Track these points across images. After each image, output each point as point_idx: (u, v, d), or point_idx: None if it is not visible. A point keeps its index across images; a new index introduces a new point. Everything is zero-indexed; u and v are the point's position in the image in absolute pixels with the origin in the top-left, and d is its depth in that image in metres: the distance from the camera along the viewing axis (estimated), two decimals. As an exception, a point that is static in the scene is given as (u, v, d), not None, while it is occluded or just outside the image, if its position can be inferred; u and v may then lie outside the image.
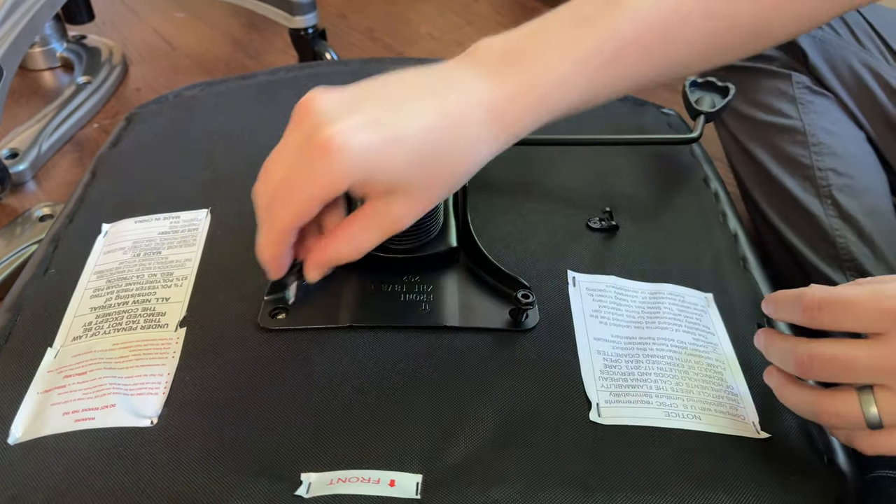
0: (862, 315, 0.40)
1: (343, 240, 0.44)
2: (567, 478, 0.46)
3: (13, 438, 0.48)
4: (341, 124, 0.40)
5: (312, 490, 0.44)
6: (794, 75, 0.86)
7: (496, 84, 0.44)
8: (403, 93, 0.43)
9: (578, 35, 0.45)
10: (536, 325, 0.55)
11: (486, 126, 0.44)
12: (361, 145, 0.40)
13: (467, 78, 0.44)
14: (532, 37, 0.45)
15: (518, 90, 0.44)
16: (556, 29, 0.45)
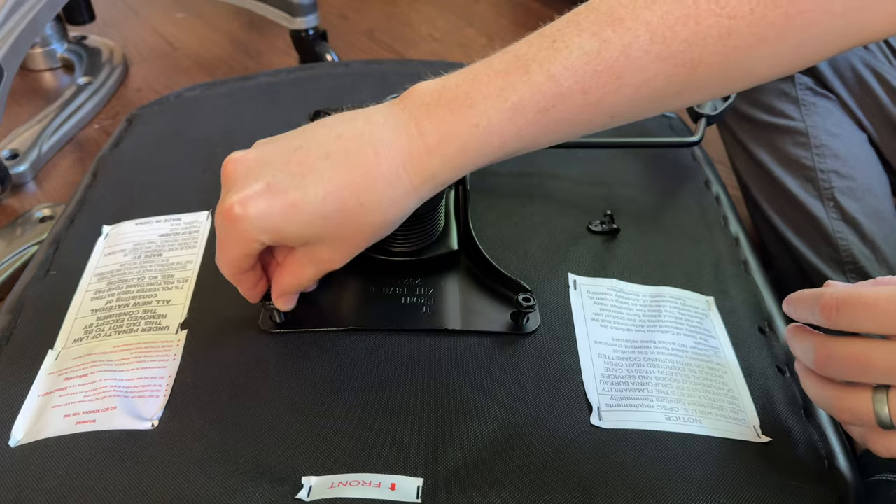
0: (880, 317, 0.40)
1: (288, 275, 0.49)
2: (568, 482, 0.46)
3: (14, 441, 0.48)
4: (242, 193, 0.43)
5: (313, 493, 0.44)
6: (797, 76, 0.86)
7: (417, 135, 0.43)
8: (314, 157, 0.44)
9: (511, 83, 0.42)
10: (537, 328, 0.55)
11: (403, 181, 0.44)
12: (259, 213, 0.43)
13: (388, 131, 0.44)
14: (465, 83, 0.43)
15: (439, 142, 0.43)
16: (490, 75, 0.43)
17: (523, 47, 0.43)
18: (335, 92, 0.84)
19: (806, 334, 0.45)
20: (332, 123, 0.45)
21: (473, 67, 0.44)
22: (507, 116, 0.42)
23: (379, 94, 0.64)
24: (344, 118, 0.46)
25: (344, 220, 0.44)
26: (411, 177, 0.44)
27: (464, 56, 1.40)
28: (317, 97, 0.82)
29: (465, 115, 0.42)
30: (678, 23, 0.40)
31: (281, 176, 0.43)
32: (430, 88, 0.44)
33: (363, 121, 0.45)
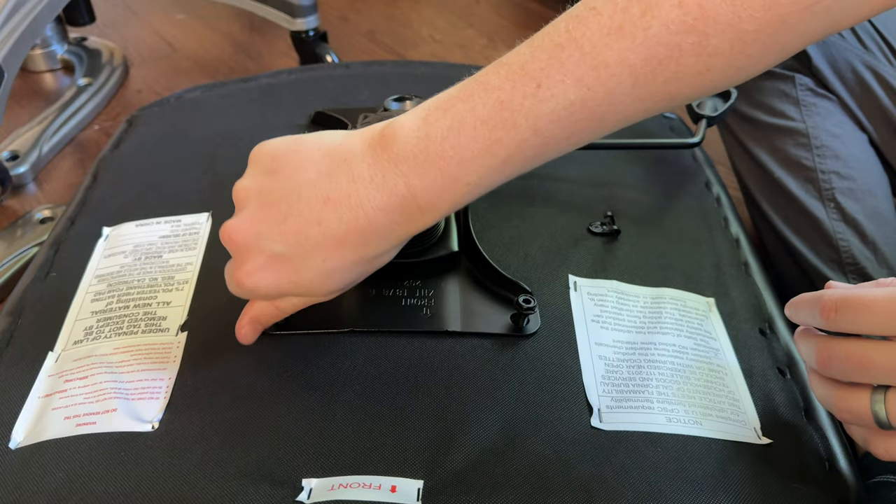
0: (878, 317, 0.40)
1: (271, 309, 0.50)
2: (568, 484, 0.46)
3: (14, 443, 0.48)
4: (247, 267, 0.46)
5: (313, 496, 0.44)
6: (797, 77, 0.86)
7: (408, 196, 0.43)
8: (307, 225, 0.44)
9: (499, 139, 0.41)
10: (538, 329, 0.55)
11: (397, 233, 0.45)
12: (266, 284, 0.46)
13: (376, 193, 0.43)
14: (451, 135, 0.42)
15: (431, 201, 0.43)
16: (476, 125, 0.41)
17: (506, 87, 0.41)
18: (335, 93, 0.84)
19: (809, 335, 0.45)
20: (315, 183, 0.44)
21: (455, 107, 0.42)
22: (497, 169, 0.43)
23: (379, 95, 0.63)
24: (325, 168, 0.44)
25: (345, 273, 0.46)
26: (405, 229, 0.45)
27: (464, 57, 1.41)
28: (317, 98, 0.82)
29: (455, 175, 0.42)
30: (660, 65, 0.40)
31: (279, 248, 0.45)
32: (413, 136, 0.43)
33: (346, 177, 0.44)
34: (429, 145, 0.42)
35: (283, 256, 0.45)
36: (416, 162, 0.42)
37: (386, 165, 0.43)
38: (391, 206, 0.43)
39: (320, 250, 0.44)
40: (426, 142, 0.42)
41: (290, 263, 0.45)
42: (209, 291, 0.57)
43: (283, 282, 0.46)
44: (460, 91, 0.43)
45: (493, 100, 0.41)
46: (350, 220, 0.43)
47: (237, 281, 0.46)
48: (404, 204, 0.43)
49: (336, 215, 0.44)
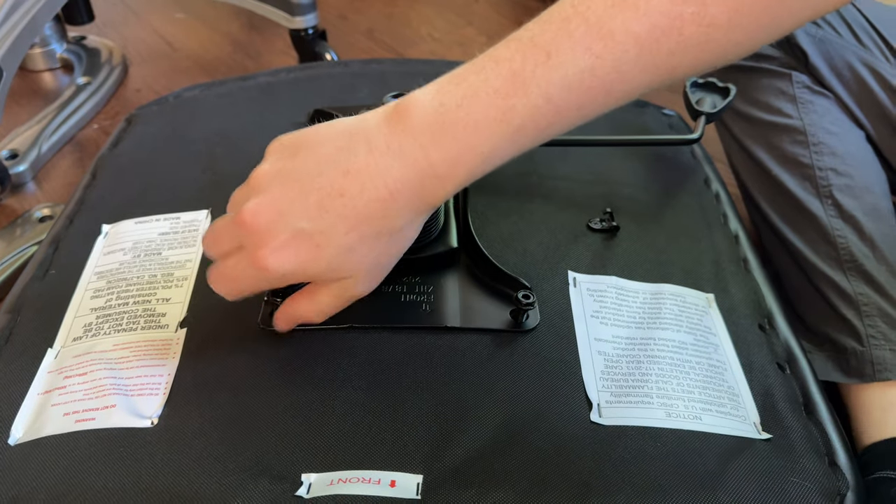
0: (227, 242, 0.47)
1: (307, 304, 0.50)
2: (568, 479, 0.46)
3: (14, 439, 0.48)
4: (272, 245, 0.45)
5: (313, 490, 0.44)
6: (794, 75, 0.86)
7: (427, 166, 0.44)
8: (330, 198, 0.44)
9: (512, 106, 0.42)
10: (537, 325, 0.55)
11: (416, 205, 0.46)
12: (291, 261, 0.45)
13: (395, 163, 0.44)
14: (465, 103, 0.43)
15: (449, 170, 0.44)
16: (489, 93, 0.43)
17: (517, 59, 0.43)
18: (334, 91, 0.84)
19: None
20: (334, 157, 0.45)
21: (468, 79, 0.43)
22: (510, 138, 0.44)
23: (378, 93, 0.64)
24: (344, 144, 0.45)
25: (367, 249, 0.46)
26: (425, 201, 0.45)
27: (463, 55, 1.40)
28: (316, 97, 0.82)
29: (471, 143, 0.43)
30: (663, 35, 0.41)
31: (302, 223, 0.45)
32: (428, 106, 0.44)
33: (365, 149, 0.44)
34: (444, 114, 0.43)
35: (306, 232, 0.45)
36: (431, 131, 0.43)
37: (402, 136, 0.44)
38: (409, 175, 0.44)
39: (343, 223, 0.44)
40: (441, 111, 0.43)
41: (313, 239, 0.45)
42: (209, 288, 0.57)
43: (306, 259, 0.45)
44: (472, 65, 0.44)
45: (505, 70, 0.43)
46: (371, 189, 0.44)
47: (258, 261, 0.45)
48: (422, 173, 0.44)
49: (357, 186, 0.44)
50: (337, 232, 0.45)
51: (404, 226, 0.46)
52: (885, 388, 0.69)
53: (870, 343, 0.71)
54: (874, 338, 0.71)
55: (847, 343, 0.72)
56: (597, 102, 0.44)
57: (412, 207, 0.45)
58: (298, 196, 0.45)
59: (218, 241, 0.49)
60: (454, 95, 0.43)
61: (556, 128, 0.44)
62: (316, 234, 0.45)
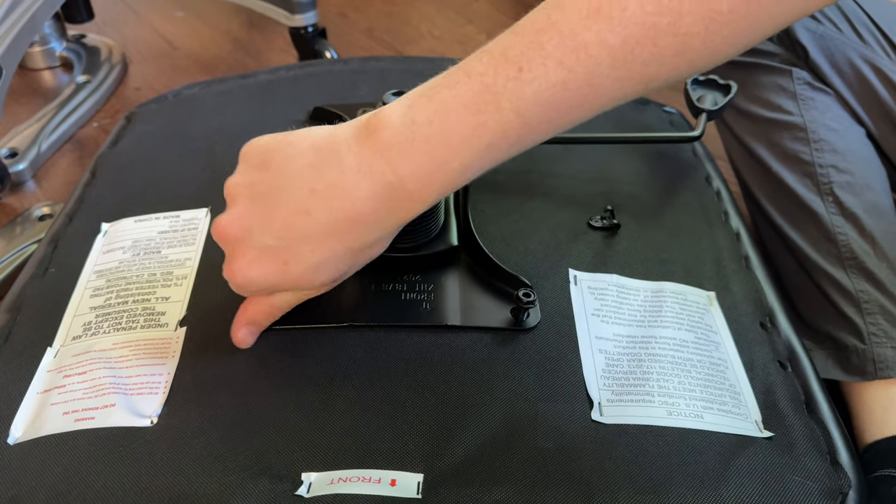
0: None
1: (262, 304, 0.51)
2: (569, 477, 0.45)
3: (13, 438, 0.48)
4: (240, 261, 0.46)
5: (313, 490, 0.44)
6: (795, 71, 0.86)
7: (396, 183, 0.43)
8: (295, 216, 0.45)
9: (483, 122, 0.42)
10: (538, 323, 0.55)
11: (386, 223, 0.45)
12: (258, 276, 0.46)
13: (364, 181, 0.43)
14: (437, 119, 0.42)
15: (419, 187, 0.43)
16: (460, 111, 0.42)
17: (489, 73, 0.42)
18: (334, 89, 0.84)
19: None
20: (302, 174, 0.45)
21: (440, 94, 0.43)
22: (481, 154, 0.43)
23: (378, 91, 0.63)
24: (313, 160, 0.45)
25: (335, 264, 0.47)
26: (395, 217, 0.45)
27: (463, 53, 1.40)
28: (316, 94, 0.82)
29: (441, 159, 0.43)
30: (638, 45, 0.41)
31: (269, 240, 0.45)
32: (398, 122, 0.43)
33: (334, 167, 0.44)
34: (415, 131, 0.42)
35: (273, 249, 0.45)
36: (401, 148, 0.43)
37: (372, 153, 0.43)
38: (378, 193, 0.43)
39: (309, 241, 0.44)
40: (412, 128, 0.43)
41: (280, 256, 0.45)
42: (208, 287, 0.57)
43: (273, 275, 0.46)
44: (444, 79, 0.43)
45: (476, 84, 0.42)
46: (337, 209, 0.44)
47: (229, 276, 0.47)
48: (391, 191, 0.43)
49: (324, 205, 0.44)
50: (303, 249, 0.45)
51: (374, 241, 0.46)
52: (886, 386, 0.68)
53: (871, 341, 0.70)
54: (875, 335, 0.71)
55: (848, 341, 0.72)
56: (570, 115, 0.43)
57: (382, 225, 0.45)
58: (264, 212, 0.45)
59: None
60: (425, 111, 0.43)
61: (527, 140, 0.44)
62: (282, 251, 0.45)
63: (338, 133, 0.45)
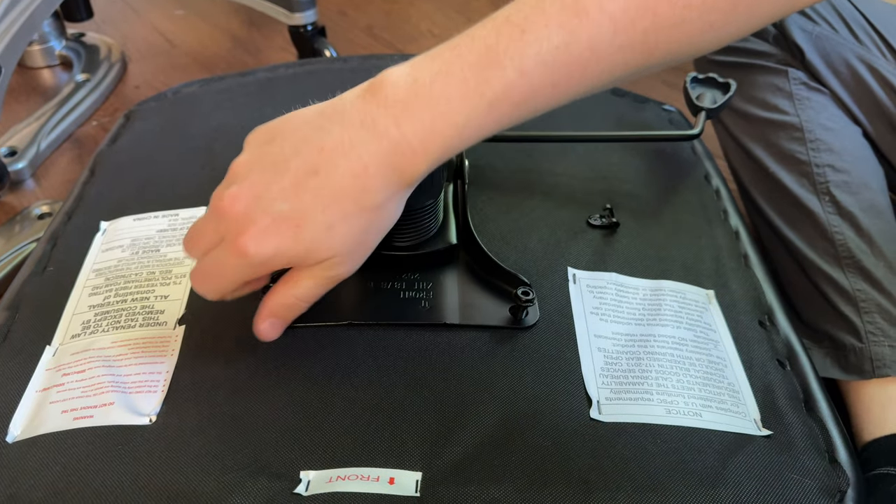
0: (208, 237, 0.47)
1: (288, 290, 0.49)
2: (568, 475, 0.45)
3: (11, 437, 0.48)
4: (252, 230, 0.44)
5: (311, 488, 0.44)
6: (791, 71, 0.86)
7: (400, 139, 0.44)
8: (304, 177, 0.44)
9: (486, 79, 0.43)
10: (537, 322, 0.55)
11: (393, 179, 0.45)
12: (272, 245, 0.45)
13: (368, 137, 0.44)
14: (440, 77, 0.43)
15: (423, 143, 0.44)
16: (463, 68, 0.43)
17: (492, 36, 0.43)
18: (334, 87, 0.83)
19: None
20: (309, 137, 0.45)
21: (443, 55, 0.44)
22: (485, 112, 0.44)
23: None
24: (319, 123, 0.46)
25: (348, 227, 0.45)
26: (400, 175, 0.45)
27: (462, 52, 1.40)
28: (315, 93, 0.81)
29: (444, 115, 0.43)
30: (637, 14, 0.42)
31: (280, 206, 0.44)
32: (402, 81, 0.44)
33: (339, 126, 0.45)
34: (417, 88, 0.43)
35: (284, 214, 0.44)
36: (405, 104, 0.44)
37: (376, 110, 0.44)
38: (383, 149, 0.44)
39: (319, 201, 0.44)
40: (414, 86, 0.44)
41: (291, 220, 0.44)
42: (207, 285, 0.57)
43: (286, 241, 0.45)
44: (448, 43, 0.45)
45: (479, 46, 0.43)
46: (345, 166, 0.44)
47: (240, 248, 0.45)
48: (395, 145, 0.44)
49: (331, 163, 0.44)
50: (314, 210, 0.44)
51: (383, 202, 0.46)
52: (884, 385, 0.69)
53: (868, 339, 0.71)
54: (873, 334, 0.71)
55: (846, 340, 0.72)
56: (572, 80, 0.44)
57: (389, 182, 0.45)
58: (274, 179, 0.45)
59: (198, 239, 0.48)
60: (429, 70, 0.44)
61: (531, 104, 0.45)
62: (294, 214, 0.44)
63: (343, 97, 0.46)
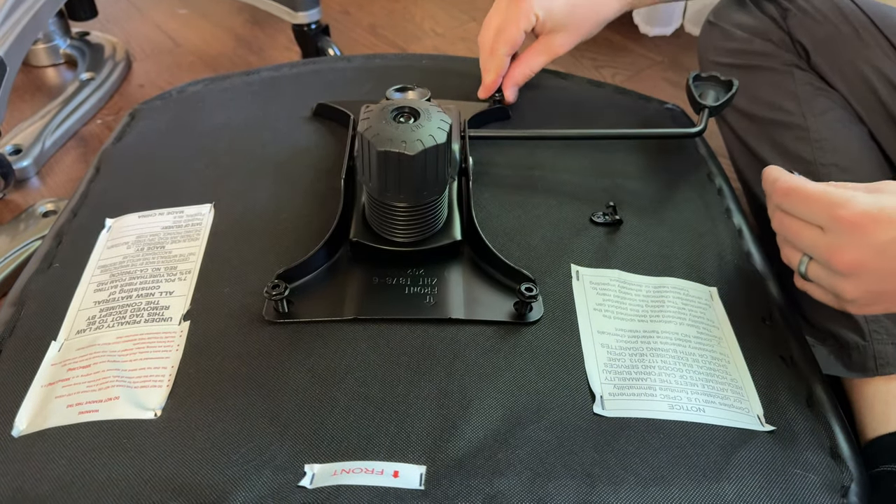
0: (811, 210, 0.51)
1: (523, 65, 0.77)
2: (571, 470, 0.46)
3: (17, 431, 0.48)
4: None
5: (316, 481, 0.44)
6: (796, 72, 0.86)
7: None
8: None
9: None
10: (540, 317, 0.55)
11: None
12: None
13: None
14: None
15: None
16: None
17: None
18: (337, 86, 0.84)
19: (781, 171, 0.56)
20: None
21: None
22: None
23: (381, 88, 0.64)
24: None
25: (581, 11, 0.73)
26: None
27: (466, 50, 1.40)
28: (319, 91, 0.82)
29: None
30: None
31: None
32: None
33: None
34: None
35: None
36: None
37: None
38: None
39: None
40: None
41: None
42: (212, 281, 0.58)
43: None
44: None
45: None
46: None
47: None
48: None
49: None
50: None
51: (608, 5, 0.77)
52: (887, 382, 0.68)
53: (872, 338, 0.70)
54: (877, 332, 0.70)
55: (850, 338, 0.72)
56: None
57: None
58: None
59: (487, 25, 0.76)
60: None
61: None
62: None
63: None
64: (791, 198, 0.53)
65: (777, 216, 0.55)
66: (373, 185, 0.54)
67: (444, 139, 0.52)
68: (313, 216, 0.63)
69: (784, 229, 0.55)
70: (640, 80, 1.28)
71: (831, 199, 0.50)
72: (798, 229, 0.53)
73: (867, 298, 0.51)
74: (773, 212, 0.56)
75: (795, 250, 0.54)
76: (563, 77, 0.87)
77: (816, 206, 0.51)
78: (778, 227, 0.56)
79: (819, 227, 0.51)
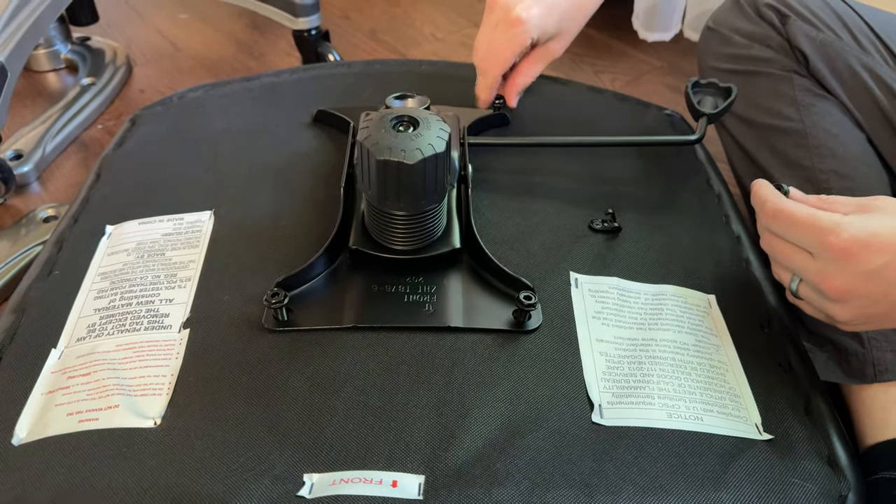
0: (800, 235, 0.51)
1: (523, 75, 0.77)
2: (570, 479, 0.46)
3: (17, 439, 0.48)
4: (522, 5, 0.70)
5: (315, 491, 0.44)
6: (795, 78, 0.86)
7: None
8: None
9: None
10: (539, 325, 0.55)
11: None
12: (535, 15, 0.71)
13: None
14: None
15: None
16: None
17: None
18: (337, 92, 0.84)
19: (769, 189, 0.56)
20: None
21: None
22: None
23: (381, 94, 0.64)
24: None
25: (570, 15, 0.74)
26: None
27: (467, 55, 1.41)
28: (319, 97, 0.82)
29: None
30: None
31: None
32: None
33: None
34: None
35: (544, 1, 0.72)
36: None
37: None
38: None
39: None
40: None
41: (545, 3, 0.74)
42: (212, 289, 0.58)
43: (543, 12, 0.73)
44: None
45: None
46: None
47: (513, 19, 0.71)
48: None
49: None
50: (562, 2, 0.75)
51: (591, 2, 0.78)
52: (885, 389, 0.68)
53: (871, 345, 0.70)
54: (875, 339, 0.71)
55: (848, 344, 0.72)
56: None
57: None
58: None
59: (478, 45, 0.76)
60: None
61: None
62: (549, 2, 0.72)
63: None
64: (779, 220, 0.53)
65: (766, 237, 0.55)
66: (372, 193, 0.54)
67: (443, 148, 0.52)
68: (313, 223, 0.63)
69: (774, 251, 0.55)
70: (640, 85, 1.28)
71: (820, 224, 0.50)
72: (788, 253, 0.53)
73: (859, 320, 0.51)
74: (763, 231, 0.56)
75: (786, 270, 0.55)
76: (563, 83, 0.87)
77: (805, 231, 0.51)
78: (767, 248, 0.56)
79: (808, 251, 0.51)
